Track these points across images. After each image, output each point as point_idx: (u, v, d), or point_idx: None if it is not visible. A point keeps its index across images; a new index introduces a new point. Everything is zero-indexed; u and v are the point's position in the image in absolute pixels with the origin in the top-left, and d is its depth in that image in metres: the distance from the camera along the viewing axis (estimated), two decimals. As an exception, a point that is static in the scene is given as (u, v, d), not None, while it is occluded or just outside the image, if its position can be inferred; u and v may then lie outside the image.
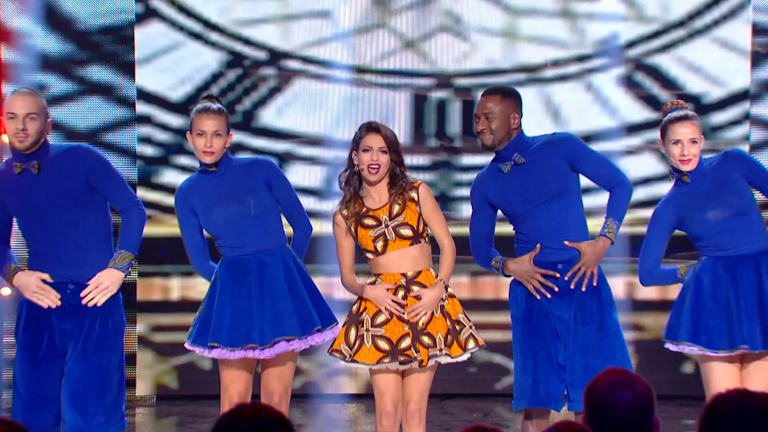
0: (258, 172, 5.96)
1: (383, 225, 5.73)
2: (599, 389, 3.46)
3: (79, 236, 5.68)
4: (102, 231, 5.75)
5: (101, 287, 5.58)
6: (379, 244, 5.70)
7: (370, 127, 5.80)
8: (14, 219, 5.80)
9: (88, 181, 5.68)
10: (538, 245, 5.77)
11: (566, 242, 5.77)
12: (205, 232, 6.06)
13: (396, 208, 5.73)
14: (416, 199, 5.76)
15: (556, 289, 5.75)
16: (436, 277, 5.79)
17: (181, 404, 8.70)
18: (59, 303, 5.61)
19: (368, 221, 5.73)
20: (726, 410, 3.19)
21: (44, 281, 5.62)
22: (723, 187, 5.80)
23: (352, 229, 5.78)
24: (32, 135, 5.59)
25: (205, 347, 5.78)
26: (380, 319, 5.69)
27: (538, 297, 5.77)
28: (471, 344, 5.70)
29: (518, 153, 5.86)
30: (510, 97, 5.92)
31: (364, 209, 5.78)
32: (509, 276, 5.92)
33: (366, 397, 5.99)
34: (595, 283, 5.77)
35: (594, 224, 6.02)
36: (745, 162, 5.86)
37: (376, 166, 5.71)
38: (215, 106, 5.99)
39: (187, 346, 5.87)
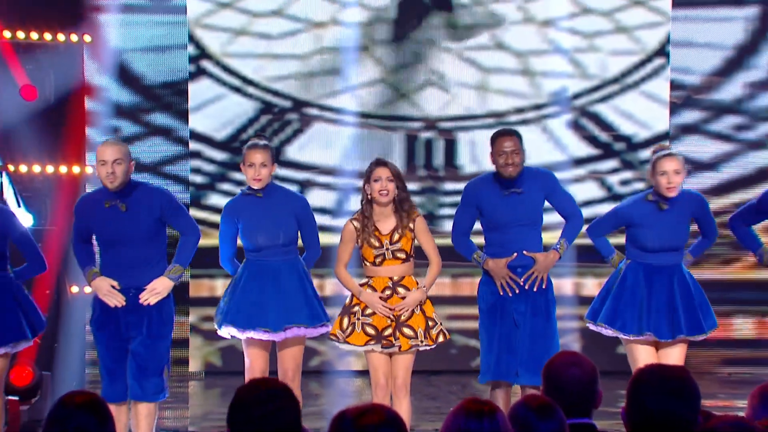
0: (293, 206, 5.95)
1: (384, 248, 5.75)
2: (555, 367, 3.53)
3: (144, 258, 5.73)
4: (161, 252, 5.80)
5: (154, 292, 5.67)
6: (378, 260, 5.76)
7: (379, 162, 5.82)
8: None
9: (160, 216, 5.72)
10: (515, 254, 5.81)
11: (525, 252, 5.82)
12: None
13: (396, 236, 5.73)
14: (413, 228, 5.76)
15: (518, 290, 5.81)
16: (417, 282, 5.82)
17: (224, 378, 8.54)
18: (124, 304, 5.67)
19: (374, 242, 5.74)
20: (648, 380, 3.17)
21: (113, 287, 5.68)
22: (683, 224, 5.82)
23: (359, 241, 5.78)
24: (119, 176, 5.60)
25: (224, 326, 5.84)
26: (369, 310, 5.75)
27: (502, 293, 5.81)
28: (441, 338, 5.78)
29: (519, 186, 5.84)
30: (521, 137, 5.91)
31: (375, 230, 5.76)
32: (485, 269, 5.87)
33: (368, 374, 6.14)
34: (544, 286, 5.86)
35: (548, 237, 6.17)
36: (701, 207, 5.89)
37: (386, 191, 5.72)
38: (262, 142, 5.95)
39: (220, 332, 5.93)
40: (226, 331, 5.88)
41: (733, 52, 8.98)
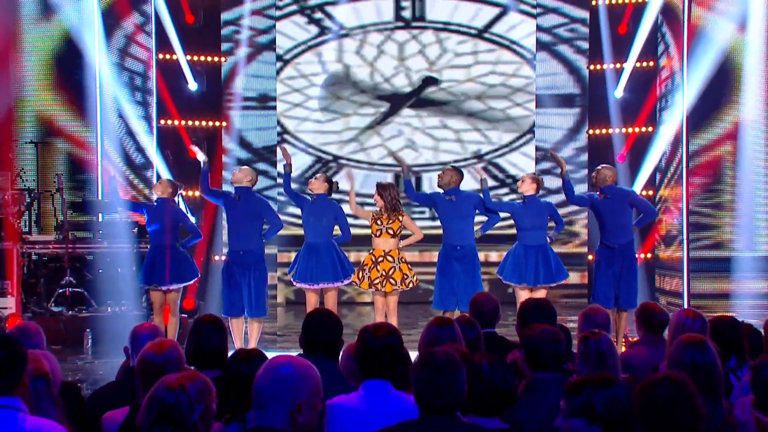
0: (334, 208, 5.82)
1: (384, 225, 5.68)
2: (477, 301, 3.59)
3: (251, 231, 5.63)
4: (260, 229, 5.72)
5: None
6: (379, 232, 5.68)
7: (380, 185, 5.85)
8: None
9: (260, 211, 5.68)
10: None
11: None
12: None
13: (390, 222, 5.69)
14: (401, 219, 5.72)
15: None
16: (399, 251, 5.69)
17: (295, 306, 8.46)
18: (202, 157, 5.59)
19: (379, 223, 5.69)
20: (529, 308, 3.27)
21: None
22: (542, 214, 5.76)
23: (371, 221, 5.72)
24: (245, 184, 5.66)
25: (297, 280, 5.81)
26: (371, 268, 5.67)
27: None
28: (411, 285, 5.73)
29: (454, 195, 5.73)
30: (458, 171, 5.92)
31: (379, 218, 5.70)
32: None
33: (373, 304, 5.92)
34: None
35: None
36: (552, 209, 5.85)
37: (382, 202, 5.74)
38: (317, 175, 5.97)
39: (291, 279, 5.84)
40: (296, 283, 5.84)
41: (568, 132, 9.06)
